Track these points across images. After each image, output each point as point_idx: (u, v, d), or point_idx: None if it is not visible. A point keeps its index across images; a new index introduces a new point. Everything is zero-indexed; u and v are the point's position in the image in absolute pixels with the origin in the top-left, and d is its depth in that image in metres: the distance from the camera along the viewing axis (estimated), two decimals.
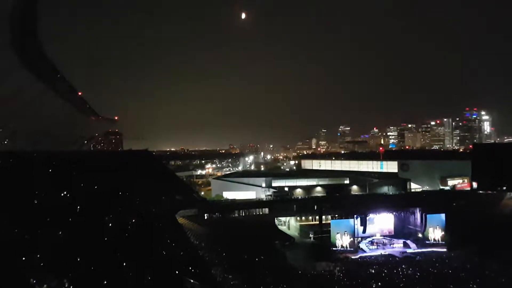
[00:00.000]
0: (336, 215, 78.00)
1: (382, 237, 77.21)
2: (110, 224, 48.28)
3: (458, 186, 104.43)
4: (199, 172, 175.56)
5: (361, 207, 78.76)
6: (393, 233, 78.34)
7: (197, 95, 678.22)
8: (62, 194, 50.29)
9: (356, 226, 74.44)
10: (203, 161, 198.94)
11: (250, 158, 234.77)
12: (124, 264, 40.07)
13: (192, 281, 44.08)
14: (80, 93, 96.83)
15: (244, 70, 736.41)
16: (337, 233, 73.12)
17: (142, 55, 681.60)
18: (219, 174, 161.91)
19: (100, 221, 47.25)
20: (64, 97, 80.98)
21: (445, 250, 71.19)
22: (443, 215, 74.87)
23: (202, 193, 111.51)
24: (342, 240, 72.90)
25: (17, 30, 52.44)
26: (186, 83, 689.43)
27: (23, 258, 33.34)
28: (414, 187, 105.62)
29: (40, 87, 65.19)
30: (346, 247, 72.59)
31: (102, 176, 59.25)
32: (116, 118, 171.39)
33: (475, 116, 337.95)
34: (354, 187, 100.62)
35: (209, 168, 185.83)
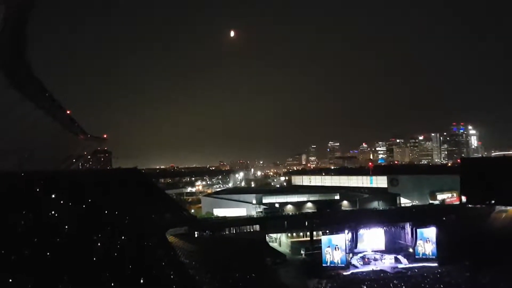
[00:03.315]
0: (327, 231, 77.60)
1: (373, 253, 76.94)
2: (99, 244, 47.59)
3: (448, 200, 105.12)
4: (189, 189, 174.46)
5: (351, 223, 78.50)
6: (384, 248, 78.19)
7: (187, 113, 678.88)
8: (50, 214, 49.60)
9: (347, 242, 74.16)
10: (193, 179, 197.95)
11: (240, 175, 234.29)
12: (112, 284, 39.43)
13: None
14: (68, 112, 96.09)
15: (233, 88, 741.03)
16: (329, 249, 72.74)
17: (132, 74, 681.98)
18: (209, 191, 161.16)
19: (88, 241, 46.56)
20: (52, 116, 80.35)
21: (436, 265, 71.08)
22: (433, 229, 74.87)
23: (192, 210, 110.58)
24: (333, 256, 72.48)
25: (4, 51, 52.22)
26: (175, 101, 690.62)
27: (10, 280, 32.70)
28: (404, 201, 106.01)
29: (27, 106, 64.69)
30: (338, 263, 72.12)
31: (91, 194, 58.64)
32: (105, 136, 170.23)
33: (462, 131, 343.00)
34: (345, 202, 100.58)
35: (199, 186, 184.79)
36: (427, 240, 74.59)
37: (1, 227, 39.53)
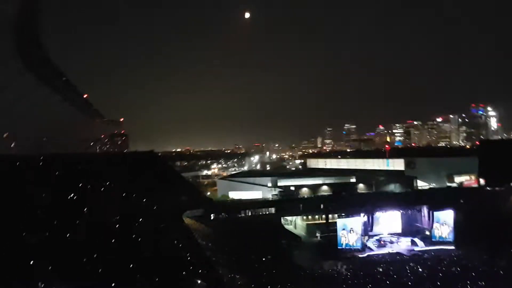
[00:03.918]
0: (343, 214, 77.60)
1: (389, 235, 76.83)
2: (117, 226, 48.44)
3: (466, 183, 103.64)
4: (204, 172, 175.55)
5: (367, 206, 78.32)
6: (400, 231, 77.94)
7: (201, 95, 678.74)
8: (69, 197, 50.52)
9: (362, 225, 74.09)
10: (209, 162, 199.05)
11: (255, 158, 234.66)
12: (131, 265, 40.16)
13: (199, 281, 44.10)
14: (85, 96, 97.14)
15: (248, 69, 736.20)
16: (344, 231, 72.78)
17: (147, 57, 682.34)
18: (224, 174, 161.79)
19: (106, 223, 47.37)
20: (69, 100, 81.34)
21: (453, 248, 70.68)
22: (450, 212, 74.23)
23: (208, 193, 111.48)
24: (348, 239, 72.55)
25: (21, 37, 52.83)
26: (190, 83, 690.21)
27: (32, 262, 33.49)
28: (421, 184, 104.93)
29: (45, 91, 65.57)
30: (353, 246, 72.26)
31: (108, 177, 59.43)
32: (121, 119, 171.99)
33: (481, 113, 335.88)
34: (360, 185, 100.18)
35: (214, 169, 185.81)
36: (444, 223, 74.05)
37: (21, 211, 40.39)
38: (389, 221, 78.31)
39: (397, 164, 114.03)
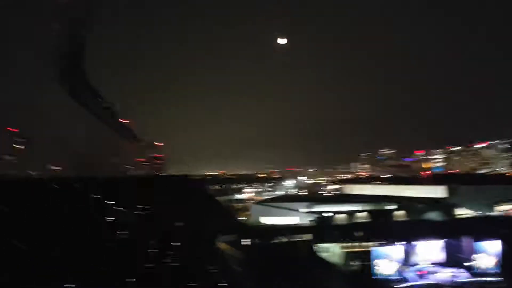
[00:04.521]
0: (380, 242, 75.37)
1: (429, 265, 73.70)
2: (152, 250, 48.82)
3: (511, 211, 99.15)
4: (238, 196, 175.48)
5: (406, 234, 75.76)
6: (441, 261, 74.68)
7: (236, 118, 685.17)
8: (106, 219, 51.56)
9: (401, 254, 71.55)
10: (243, 185, 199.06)
11: (289, 183, 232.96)
12: None
13: None
14: (125, 120, 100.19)
15: (283, 92, 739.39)
16: (381, 260, 70.43)
17: (182, 82, 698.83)
18: (258, 198, 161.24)
19: (143, 246, 47.86)
20: (109, 124, 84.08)
21: (498, 279, 66.90)
22: (495, 242, 70.69)
23: (242, 218, 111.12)
24: (386, 268, 70.08)
25: (65, 64, 55.65)
26: (224, 106, 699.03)
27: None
28: (463, 212, 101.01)
29: (87, 116, 68.17)
30: (391, 276, 69.66)
31: (145, 200, 60.41)
32: (158, 143, 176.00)
33: None
34: (399, 212, 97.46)
35: (248, 193, 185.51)
36: (488, 253, 70.48)
37: (60, 230, 41.41)
38: (429, 250, 75.19)
39: (437, 191, 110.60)
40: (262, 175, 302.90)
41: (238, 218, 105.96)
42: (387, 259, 70.24)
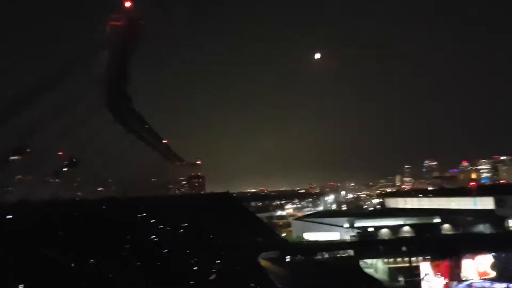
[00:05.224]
0: (428, 257, 73.03)
1: (481, 281, 70.54)
2: (195, 267, 49.65)
3: None
4: (279, 212, 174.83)
5: (454, 248, 73.10)
6: (493, 276, 71.34)
7: (275, 135, 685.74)
8: (150, 238, 52.99)
9: (450, 269, 69.01)
10: (283, 202, 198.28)
11: (330, 197, 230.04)
12: None
13: None
14: (165, 141, 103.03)
15: (322, 107, 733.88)
16: (429, 276, 68.18)
17: (223, 101, 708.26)
18: (299, 214, 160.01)
19: (186, 264, 48.76)
20: (151, 146, 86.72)
21: None
22: None
23: (283, 234, 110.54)
24: (434, 284, 67.72)
25: (112, 91, 58.44)
26: (263, 122, 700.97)
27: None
28: None
29: (130, 138, 70.83)
30: None
31: (187, 219, 61.65)
32: (198, 162, 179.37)
33: None
34: (446, 226, 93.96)
35: (289, 209, 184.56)
36: None
37: (106, 251, 42.93)
38: (480, 264, 72.13)
39: (486, 203, 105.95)
40: (302, 191, 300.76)
41: (280, 234, 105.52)
42: (436, 274, 67.95)
